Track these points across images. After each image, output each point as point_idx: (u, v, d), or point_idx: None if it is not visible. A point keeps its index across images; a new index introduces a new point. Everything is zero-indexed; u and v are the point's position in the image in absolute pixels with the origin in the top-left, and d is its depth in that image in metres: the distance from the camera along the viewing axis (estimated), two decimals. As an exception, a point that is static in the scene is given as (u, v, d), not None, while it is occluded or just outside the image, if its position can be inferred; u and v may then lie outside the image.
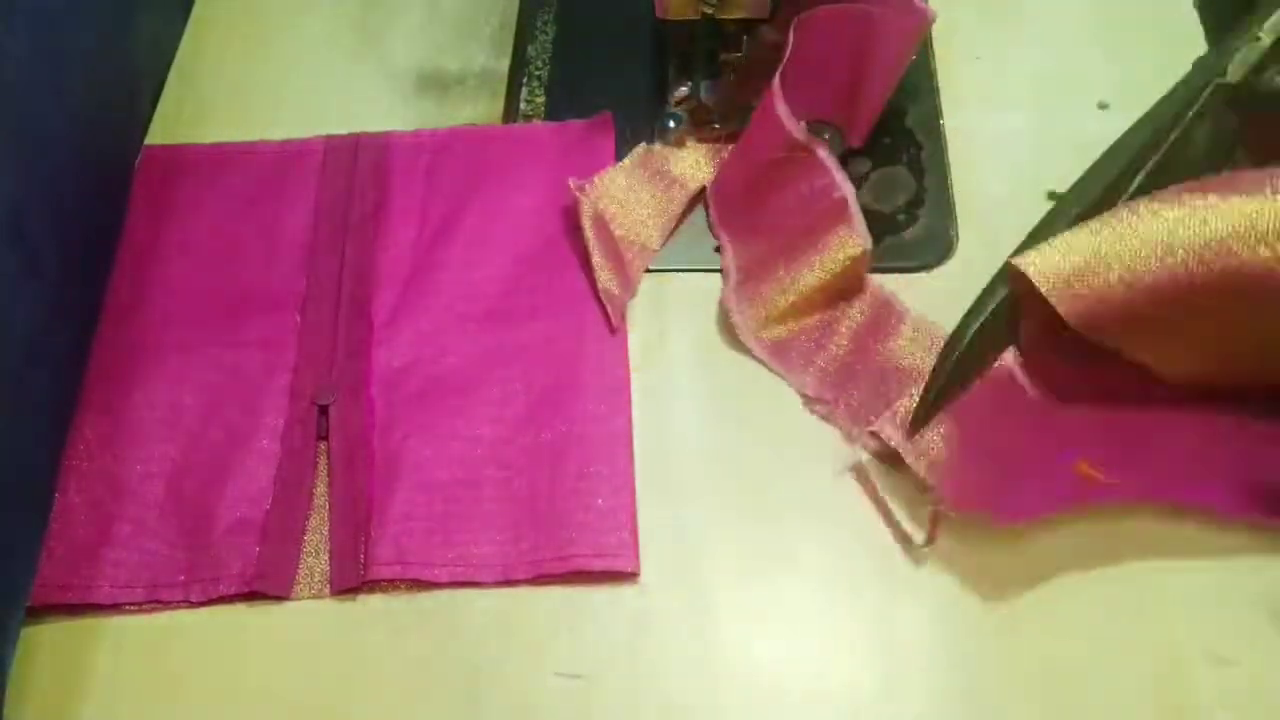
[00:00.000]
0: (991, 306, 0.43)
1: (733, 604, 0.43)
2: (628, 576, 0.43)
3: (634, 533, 0.44)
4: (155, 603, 0.44)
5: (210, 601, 0.44)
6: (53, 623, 0.43)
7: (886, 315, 0.48)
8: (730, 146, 0.53)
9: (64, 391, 0.48)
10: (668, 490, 0.45)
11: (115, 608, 0.44)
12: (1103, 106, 0.54)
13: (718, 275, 0.51)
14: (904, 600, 0.42)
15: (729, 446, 0.46)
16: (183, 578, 0.44)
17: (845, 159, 0.53)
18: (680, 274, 0.51)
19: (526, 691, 0.41)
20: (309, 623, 0.43)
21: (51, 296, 0.46)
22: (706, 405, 0.47)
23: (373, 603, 0.44)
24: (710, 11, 0.48)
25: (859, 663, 0.41)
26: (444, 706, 0.41)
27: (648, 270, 0.51)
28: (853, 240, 0.46)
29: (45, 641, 0.43)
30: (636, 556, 0.43)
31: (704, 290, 0.51)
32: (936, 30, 0.58)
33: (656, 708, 0.41)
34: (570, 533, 0.44)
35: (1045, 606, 0.42)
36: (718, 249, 0.51)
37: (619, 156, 0.54)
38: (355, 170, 0.54)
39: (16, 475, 0.43)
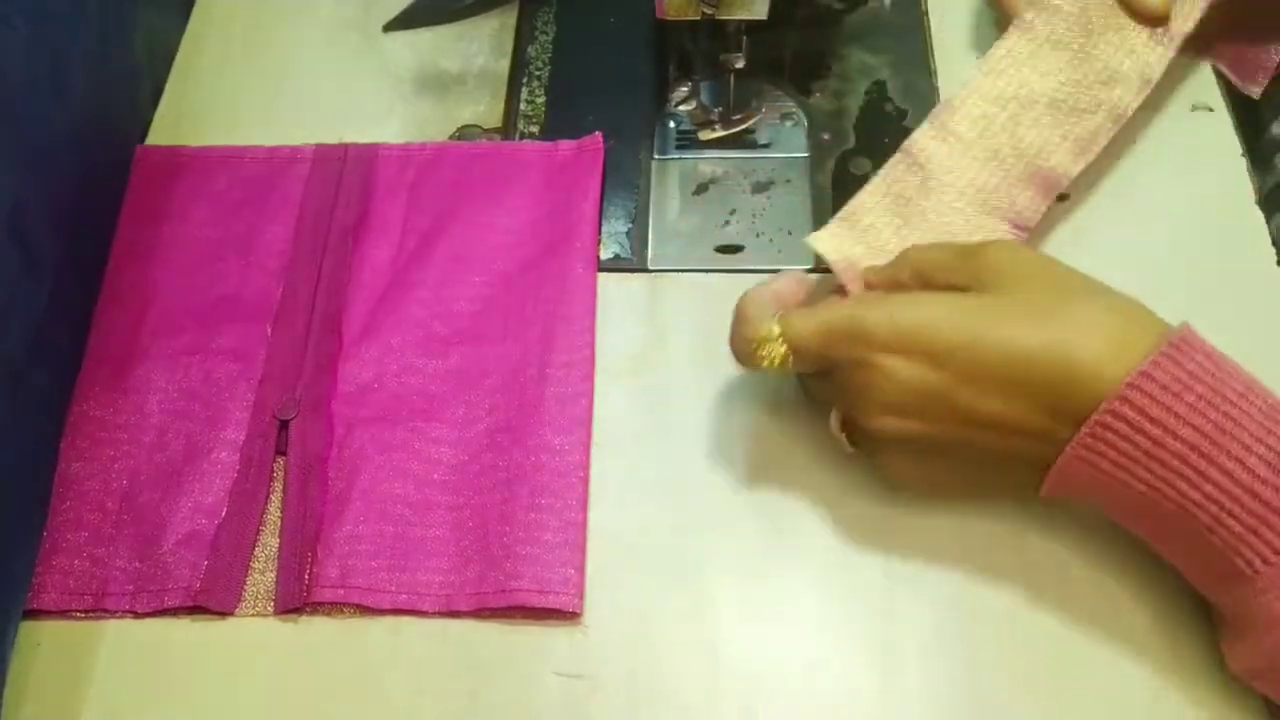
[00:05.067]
0: None
1: (733, 603, 0.43)
2: (571, 616, 0.42)
3: (580, 571, 0.43)
4: (101, 611, 0.43)
5: (156, 613, 0.43)
6: (52, 622, 0.43)
7: None
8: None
9: (63, 391, 0.48)
10: (667, 490, 0.45)
11: (63, 614, 0.43)
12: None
13: (718, 275, 0.51)
14: (904, 599, 0.42)
15: (728, 446, 0.46)
16: (131, 588, 0.44)
17: (846, 156, 0.54)
18: (680, 274, 0.51)
19: (526, 691, 0.41)
20: (304, 626, 0.43)
21: (52, 296, 0.46)
22: (706, 405, 0.47)
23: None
24: (710, 12, 0.48)
25: (859, 662, 0.41)
26: (445, 705, 0.41)
27: (647, 270, 0.51)
28: None
29: (45, 641, 0.43)
30: (580, 596, 0.42)
31: (704, 290, 0.51)
32: (937, 33, 0.58)
33: (656, 707, 0.41)
34: (515, 565, 0.43)
35: (1046, 604, 0.42)
36: (723, 248, 0.52)
37: (608, 174, 0.54)
38: (341, 181, 0.54)
39: (16, 475, 0.44)
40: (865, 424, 0.39)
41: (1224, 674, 0.40)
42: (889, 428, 0.39)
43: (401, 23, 0.61)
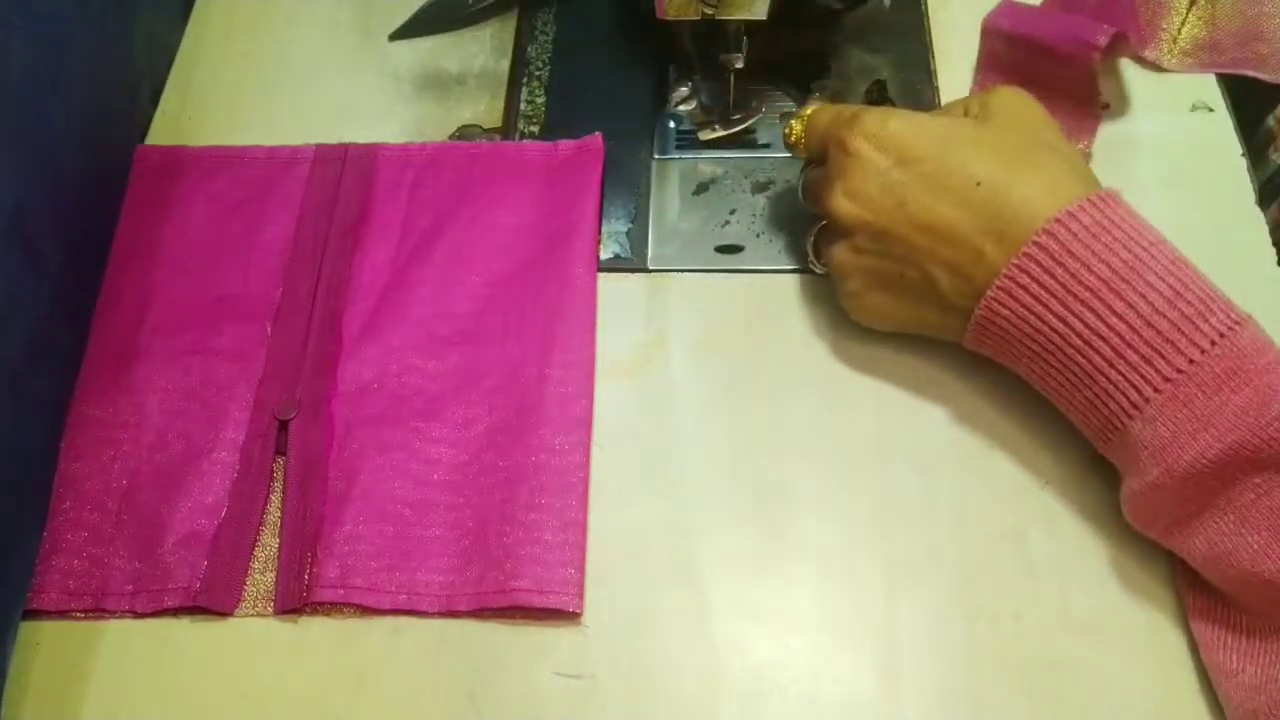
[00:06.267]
0: None
1: (733, 603, 0.43)
2: (571, 616, 0.42)
3: (580, 570, 0.43)
4: (101, 611, 0.43)
5: (156, 613, 0.43)
6: (52, 622, 0.43)
7: None
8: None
9: (64, 391, 0.48)
10: (668, 491, 0.45)
11: (63, 614, 0.43)
12: (1104, 107, 0.54)
13: (718, 275, 0.51)
14: (904, 598, 0.42)
15: (728, 447, 0.46)
16: (130, 588, 0.44)
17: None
18: (680, 274, 0.51)
19: (527, 691, 0.41)
20: (304, 626, 0.43)
21: (52, 296, 0.46)
22: (706, 406, 0.47)
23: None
24: (710, 12, 0.48)
25: (859, 662, 0.41)
26: (445, 705, 0.41)
27: (647, 270, 0.51)
28: None
29: (45, 641, 0.43)
30: (580, 596, 0.42)
31: (704, 290, 0.51)
32: (936, 30, 0.58)
33: (656, 708, 0.41)
34: (515, 565, 0.43)
35: (1046, 604, 0.42)
36: (723, 248, 0.52)
37: (608, 174, 0.54)
38: (341, 181, 0.54)
39: (16, 475, 0.44)
40: (829, 204, 0.44)
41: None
42: (846, 212, 0.43)
43: (407, 31, 0.60)
